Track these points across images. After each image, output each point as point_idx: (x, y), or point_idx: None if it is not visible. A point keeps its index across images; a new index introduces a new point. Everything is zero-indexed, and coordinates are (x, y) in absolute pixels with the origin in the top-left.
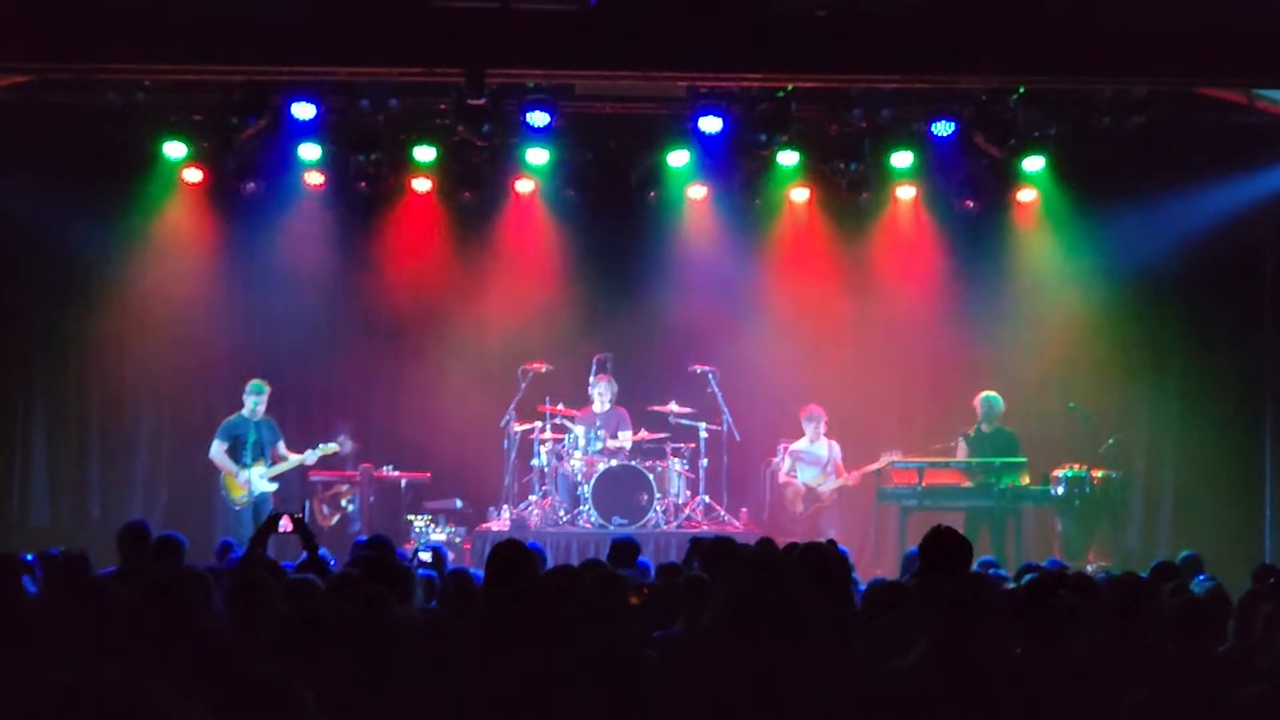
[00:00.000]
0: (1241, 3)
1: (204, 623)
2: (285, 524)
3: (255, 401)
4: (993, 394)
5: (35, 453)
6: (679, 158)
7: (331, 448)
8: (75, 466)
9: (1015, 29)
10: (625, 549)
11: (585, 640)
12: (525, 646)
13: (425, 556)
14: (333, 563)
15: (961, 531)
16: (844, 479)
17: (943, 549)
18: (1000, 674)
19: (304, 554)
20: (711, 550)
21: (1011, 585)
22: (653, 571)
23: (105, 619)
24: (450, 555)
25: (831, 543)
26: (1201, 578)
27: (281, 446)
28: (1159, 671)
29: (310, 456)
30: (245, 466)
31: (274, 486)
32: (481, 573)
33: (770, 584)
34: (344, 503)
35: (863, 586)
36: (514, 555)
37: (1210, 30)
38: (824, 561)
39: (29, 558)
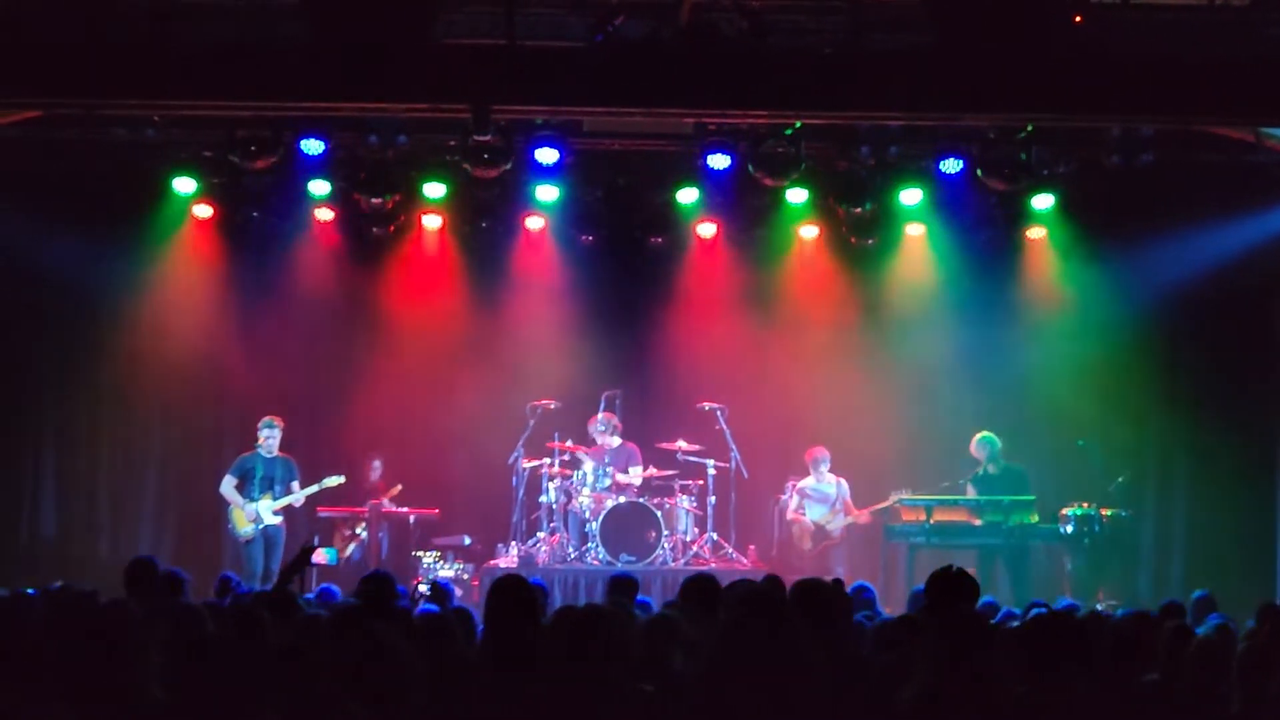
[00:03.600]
0: (1248, 42)
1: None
2: (320, 557)
3: (267, 438)
4: (988, 434)
5: (45, 484)
6: (688, 195)
7: (332, 481)
8: (86, 500)
9: (1021, 67)
10: (624, 585)
11: (584, 676)
12: (525, 683)
13: (424, 589)
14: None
15: (974, 570)
16: (853, 516)
17: (949, 587)
18: (1002, 711)
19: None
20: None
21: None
22: (655, 608)
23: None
24: (458, 592)
25: (837, 582)
26: (1213, 617)
27: (295, 485)
28: (1157, 710)
29: (311, 490)
30: (252, 500)
31: (279, 519)
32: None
33: (765, 622)
34: (364, 537)
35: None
36: (515, 591)
37: (1217, 69)
38: (824, 600)
39: (31, 591)
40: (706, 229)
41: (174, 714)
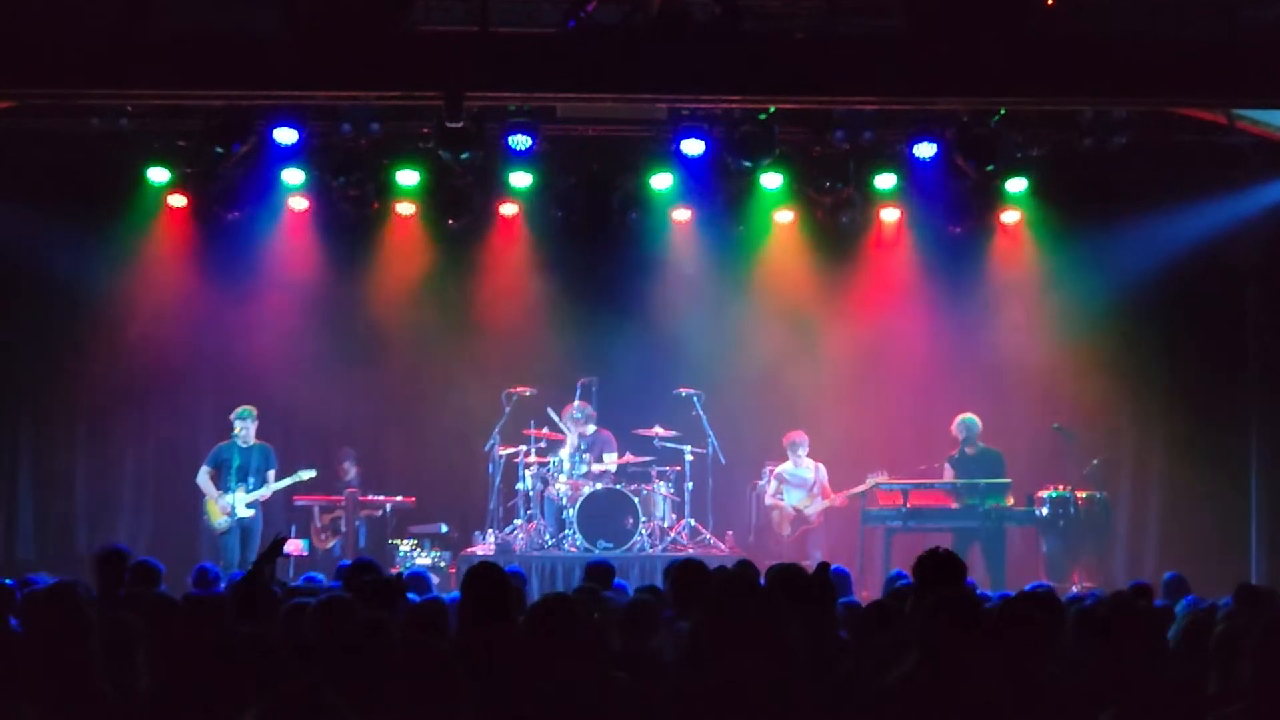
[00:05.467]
0: (1220, 24)
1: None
2: (292, 547)
3: (242, 427)
4: (969, 416)
5: (21, 475)
6: (662, 180)
7: (305, 475)
8: (63, 491)
9: (994, 50)
10: (600, 571)
11: (559, 665)
12: (501, 673)
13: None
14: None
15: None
16: (830, 500)
17: (937, 569)
18: (979, 693)
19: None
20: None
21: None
22: (630, 593)
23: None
24: (435, 580)
25: (824, 566)
26: (1189, 599)
27: (272, 474)
28: (1131, 692)
29: (283, 484)
30: (228, 491)
31: (252, 512)
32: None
33: (744, 605)
34: (343, 528)
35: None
36: (490, 579)
37: (1190, 51)
38: (804, 584)
39: (10, 582)
40: (681, 214)
41: (156, 708)
